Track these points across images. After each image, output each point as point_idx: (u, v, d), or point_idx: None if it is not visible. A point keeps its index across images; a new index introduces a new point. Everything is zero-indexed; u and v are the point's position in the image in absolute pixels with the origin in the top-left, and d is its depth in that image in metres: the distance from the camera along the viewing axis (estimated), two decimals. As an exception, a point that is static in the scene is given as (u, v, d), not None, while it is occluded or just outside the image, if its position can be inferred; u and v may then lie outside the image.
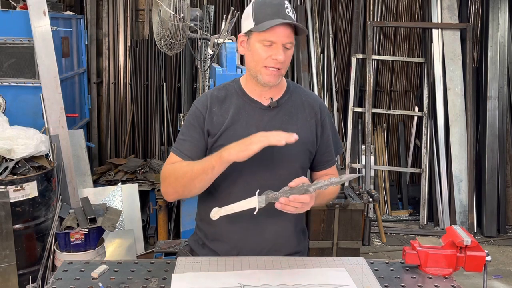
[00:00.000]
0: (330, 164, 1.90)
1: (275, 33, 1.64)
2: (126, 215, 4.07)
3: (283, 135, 1.53)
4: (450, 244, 1.64)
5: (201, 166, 1.63)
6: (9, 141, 3.07)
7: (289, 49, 1.68)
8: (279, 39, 1.64)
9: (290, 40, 1.66)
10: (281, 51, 1.65)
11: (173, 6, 3.35)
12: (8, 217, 2.95)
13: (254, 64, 1.70)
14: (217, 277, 1.57)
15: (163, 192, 1.77)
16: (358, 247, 3.84)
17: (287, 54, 1.68)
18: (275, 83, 1.71)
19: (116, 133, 5.40)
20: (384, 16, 5.45)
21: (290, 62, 1.82)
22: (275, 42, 1.65)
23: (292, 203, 1.53)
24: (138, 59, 5.25)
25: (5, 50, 3.69)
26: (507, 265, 4.35)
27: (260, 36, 1.66)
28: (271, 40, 1.64)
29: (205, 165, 1.62)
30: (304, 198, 1.53)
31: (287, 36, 1.65)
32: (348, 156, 5.24)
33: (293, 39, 1.68)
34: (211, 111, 1.76)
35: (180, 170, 1.69)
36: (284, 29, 1.64)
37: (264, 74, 1.69)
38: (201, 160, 1.66)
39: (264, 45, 1.66)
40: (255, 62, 1.69)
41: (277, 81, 1.71)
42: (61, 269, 1.64)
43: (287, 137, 1.52)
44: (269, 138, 1.53)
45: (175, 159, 1.76)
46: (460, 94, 5.08)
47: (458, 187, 5.00)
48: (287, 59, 1.69)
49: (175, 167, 1.72)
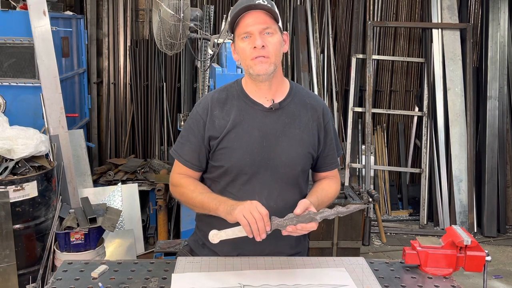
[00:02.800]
0: (333, 167, 1.90)
1: (247, 23, 1.64)
2: (126, 215, 4.07)
3: (259, 229, 1.51)
4: (450, 244, 1.64)
5: (203, 203, 1.70)
6: (9, 141, 3.07)
7: (272, 35, 1.66)
8: (253, 27, 1.64)
9: (266, 25, 1.65)
10: (258, 37, 1.64)
11: (173, 6, 3.35)
12: (8, 217, 2.95)
13: (244, 62, 1.71)
14: (217, 277, 1.57)
15: (172, 192, 1.85)
16: (358, 247, 3.83)
17: (268, 40, 1.66)
18: (266, 71, 1.67)
19: (116, 133, 5.40)
20: (384, 16, 5.45)
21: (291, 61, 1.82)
22: (251, 32, 1.65)
23: (300, 231, 1.55)
24: (138, 59, 5.25)
25: (5, 50, 3.69)
26: (507, 265, 4.35)
27: (237, 33, 1.68)
28: (246, 31, 1.65)
29: (206, 205, 1.69)
30: (312, 226, 1.55)
31: (260, 23, 1.64)
32: (348, 156, 5.24)
33: (272, 24, 1.66)
34: (212, 114, 1.75)
35: (186, 193, 1.76)
36: (255, 16, 1.64)
37: (253, 66, 1.67)
38: (204, 197, 1.70)
39: (243, 39, 1.67)
40: (244, 59, 1.70)
41: (268, 69, 1.67)
42: (61, 269, 1.64)
43: (260, 234, 1.52)
44: (249, 223, 1.52)
45: (179, 168, 1.81)
46: (460, 94, 5.08)
47: (458, 187, 5.00)
48: (271, 45, 1.66)
49: (182, 185, 1.78)
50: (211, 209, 1.67)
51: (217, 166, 1.76)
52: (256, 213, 1.51)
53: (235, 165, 1.72)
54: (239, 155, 1.72)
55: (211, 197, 1.69)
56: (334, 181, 1.90)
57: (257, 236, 1.51)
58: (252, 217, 1.51)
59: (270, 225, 1.53)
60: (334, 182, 1.89)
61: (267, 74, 1.69)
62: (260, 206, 1.54)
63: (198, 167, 1.80)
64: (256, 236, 1.52)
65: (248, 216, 1.51)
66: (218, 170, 1.77)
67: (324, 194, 1.80)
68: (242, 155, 1.71)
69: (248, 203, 1.55)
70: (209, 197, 1.70)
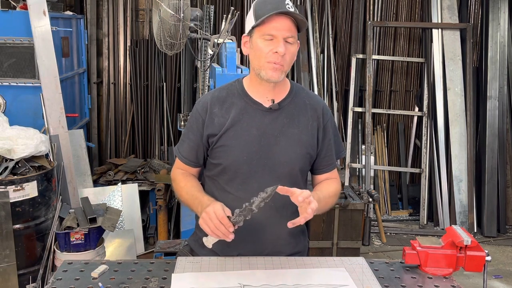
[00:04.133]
0: (330, 168, 1.89)
1: (274, 26, 1.63)
2: (126, 215, 4.07)
3: (223, 233, 1.55)
4: (450, 244, 1.64)
5: (188, 202, 1.77)
6: (9, 141, 3.07)
7: (292, 45, 1.66)
8: (279, 32, 1.63)
9: (291, 34, 1.65)
10: (282, 43, 1.63)
11: (173, 6, 3.35)
12: (8, 217, 2.95)
13: (257, 60, 1.69)
14: (217, 277, 1.57)
15: (173, 188, 1.90)
16: (358, 247, 3.83)
17: (289, 49, 1.66)
18: (278, 79, 1.69)
19: (116, 133, 5.40)
20: (384, 16, 5.45)
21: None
22: (275, 36, 1.64)
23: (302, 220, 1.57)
24: (138, 59, 5.25)
25: (5, 50, 3.69)
26: (507, 265, 4.35)
27: (260, 31, 1.66)
28: (271, 33, 1.64)
29: (190, 204, 1.76)
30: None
31: (287, 30, 1.64)
32: (348, 156, 5.24)
33: (295, 33, 1.66)
34: (211, 112, 1.76)
35: (179, 189, 1.83)
36: (284, 22, 1.64)
37: (267, 69, 1.67)
38: (189, 196, 1.76)
39: (265, 39, 1.65)
40: (258, 58, 1.68)
41: (280, 77, 1.69)
42: (61, 269, 1.64)
43: (226, 236, 1.55)
44: (212, 231, 1.56)
45: (178, 163, 1.87)
46: (460, 94, 5.08)
47: (458, 187, 5.00)
48: (289, 54, 1.67)
49: (176, 180, 1.84)
50: (194, 210, 1.73)
51: (216, 164, 1.78)
52: (214, 220, 1.55)
53: (233, 163, 1.73)
54: (236, 153, 1.72)
55: (194, 196, 1.73)
56: (333, 181, 1.90)
57: (226, 239, 1.55)
58: (213, 225, 1.55)
59: (233, 223, 1.56)
60: (333, 181, 1.89)
61: (277, 81, 1.70)
62: (218, 209, 1.56)
63: (196, 163, 1.84)
64: (225, 239, 1.55)
65: (209, 226, 1.55)
66: (216, 167, 1.78)
67: (325, 193, 1.79)
68: (240, 153, 1.72)
69: (207, 211, 1.57)
70: (193, 195, 1.74)
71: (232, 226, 1.55)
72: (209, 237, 1.60)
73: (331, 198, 1.83)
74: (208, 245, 1.62)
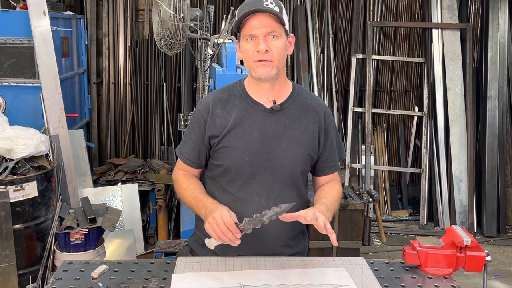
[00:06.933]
0: (333, 170, 1.89)
1: (252, 26, 1.64)
2: (126, 215, 4.07)
3: (230, 239, 1.55)
4: (450, 244, 1.64)
5: (191, 204, 1.75)
6: (9, 141, 3.07)
7: (276, 39, 1.66)
8: (258, 31, 1.64)
9: (271, 29, 1.64)
10: (261, 41, 1.63)
11: (173, 6, 3.35)
12: (8, 217, 2.95)
13: (246, 62, 1.71)
14: (217, 277, 1.57)
15: (175, 189, 1.89)
16: (358, 247, 3.83)
17: (273, 44, 1.65)
18: (268, 75, 1.68)
19: (116, 133, 5.40)
20: (384, 16, 5.45)
21: (291, 61, 1.82)
22: (255, 35, 1.65)
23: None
24: (138, 59, 5.25)
25: (5, 50, 3.69)
26: (507, 265, 4.35)
27: (242, 34, 1.68)
28: (251, 33, 1.65)
29: (193, 207, 1.75)
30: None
31: (266, 26, 1.64)
32: (348, 156, 5.24)
33: (277, 27, 1.65)
34: (213, 113, 1.76)
35: (181, 190, 1.81)
36: (261, 19, 1.64)
37: (255, 68, 1.68)
38: (192, 198, 1.75)
39: (247, 41, 1.66)
40: (246, 60, 1.71)
41: (270, 73, 1.68)
42: (61, 269, 1.64)
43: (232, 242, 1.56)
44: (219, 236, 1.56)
45: (180, 164, 1.86)
46: (460, 94, 5.07)
47: (458, 187, 5.00)
48: (275, 49, 1.66)
49: (179, 182, 1.83)
50: (197, 212, 1.73)
51: (217, 165, 1.78)
52: (221, 226, 1.54)
53: (234, 164, 1.73)
54: (238, 154, 1.72)
55: (197, 199, 1.73)
56: (335, 183, 1.90)
57: (232, 244, 1.56)
58: (220, 231, 1.54)
59: (240, 230, 1.56)
60: (334, 184, 1.89)
61: (269, 77, 1.69)
62: (225, 216, 1.55)
63: (197, 164, 1.84)
64: (231, 244, 1.56)
65: (216, 231, 1.55)
66: (218, 168, 1.78)
67: (331, 199, 1.79)
68: (241, 154, 1.72)
69: (214, 216, 1.56)
70: (196, 197, 1.73)
71: (239, 232, 1.56)
72: (212, 239, 1.60)
73: (336, 202, 1.83)
74: (211, 246, 1.62)
